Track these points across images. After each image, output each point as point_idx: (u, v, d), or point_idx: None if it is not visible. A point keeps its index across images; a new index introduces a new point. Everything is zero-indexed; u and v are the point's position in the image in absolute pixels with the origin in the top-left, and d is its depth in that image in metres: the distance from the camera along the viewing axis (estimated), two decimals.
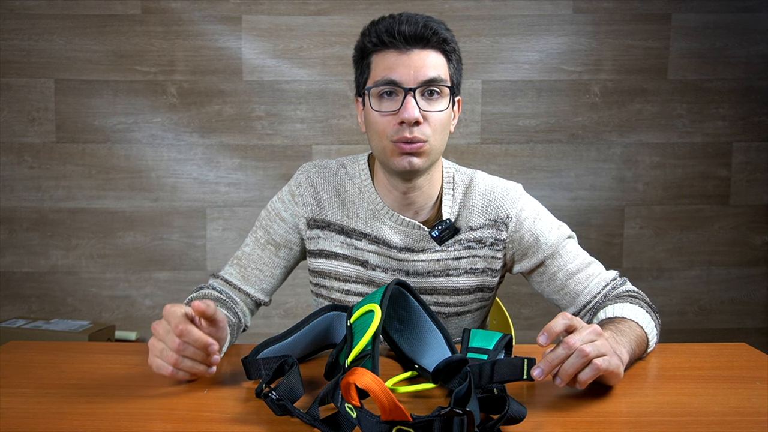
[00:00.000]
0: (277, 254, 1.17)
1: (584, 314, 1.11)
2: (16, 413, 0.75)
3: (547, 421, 0.74)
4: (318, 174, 1.16)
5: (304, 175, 1.17)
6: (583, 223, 2.62)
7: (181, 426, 0.72)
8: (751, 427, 0.73)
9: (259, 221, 1.19)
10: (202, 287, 1.16)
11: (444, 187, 1.14)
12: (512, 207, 1.13)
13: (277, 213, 1.17)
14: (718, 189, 2.66)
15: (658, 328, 1.02)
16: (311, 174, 1.16)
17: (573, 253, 1.13)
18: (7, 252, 2.58)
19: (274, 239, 1.17)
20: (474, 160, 2.59)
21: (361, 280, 1.14)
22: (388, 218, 1.12)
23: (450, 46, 1.04)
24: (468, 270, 1.13)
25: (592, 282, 1.11)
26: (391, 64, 1.01)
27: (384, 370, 0.92)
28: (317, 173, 1.16)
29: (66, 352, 1.00)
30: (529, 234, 1.12)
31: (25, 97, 2.53)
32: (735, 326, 2.70)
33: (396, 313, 0.94)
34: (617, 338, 0.89)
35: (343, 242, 1.14)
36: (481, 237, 1.13)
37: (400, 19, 1.01)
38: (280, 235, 1.16)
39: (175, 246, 2.61)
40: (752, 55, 2.60)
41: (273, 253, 1.17)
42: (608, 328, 0.92)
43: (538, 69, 2.58)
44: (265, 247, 1.17)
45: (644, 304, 1.04)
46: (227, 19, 2.53)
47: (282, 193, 1.18)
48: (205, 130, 2.56)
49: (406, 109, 0.99)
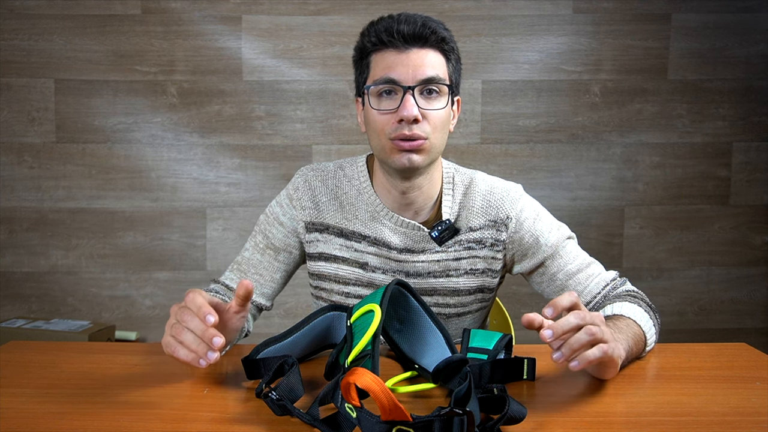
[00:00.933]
0: (277, 258, 1.17)
1: None
2: (16, 413, 0.75)
3: (547, 421, 0.74)
4: (315, 177, 1.16)
5: (302, 178, 1.16)
6: (583, 223, 2.62)
7: (181, 426, 0.72)
8: (751, 427, 0.73)
9: (258, 226, 1.19)
10: (204, 291, 1.15)
11: (444, 187, 1.14)
12: (512, 208, 1.13)
13: (276, 217, 1.17)
14: (718, 189, 2.66)
15: (657, 327, 1.02)
16: (309, 177, 1.16)
17: (573, 253, 1.13)
18: (7, 252, 2.58)
19: (274, 244, 1.17)
20: (474, 160, 2.59)
21: (361, 282, 1.14)
22: (387, 219, 1.12)
23: (449, 46, 1.04)
24: (468, 271, 1.13)
25: (592, 282, 1.11)
26: (390, 63, 1.01)
27: (384, 370, 0.92)
28: (315, 176, 1.16)
29: (66, 352, 1.00)
30: (529, 235, 1.13)
31: (25, 97, 2.53)
32: (735, 326, 2.70)
33: (396, 313, 0.94)
34: (615, 335, 0.90)
35: (342, 245, 1.13)
36: (481, 238, 1.13)
37: (399, 18, 1.01)
38: (279, 239, 1.16)
39: (175, 246, 2.61)
40: (752, 55, 2.60)
41: (272, 257, 1.17)
42: (606, 325, 0.92)
43: (538, 69, 2.58)
44: (265, 252, 1.17)
45: (643, 304, 1.04)
46: (227, 19, 2.53)
47: (280, 197, 1.18)
48: (205, 130, 2.56)
49: (405, 107, 0.99)
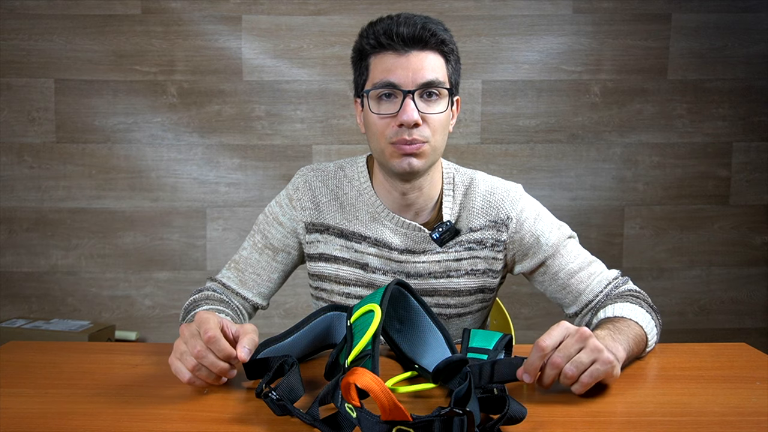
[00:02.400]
0: (275, 258, 1.17)
1: (586, 313, 1.11)
2: (16, 413, 0.75)
3: (547, 421, 0.74)
4: (316, 178, 1.15)
5: (302, 179, 1.16)
6: (583, 223, 2.62)
7: (181, 426, 0.72)
8: (751, 427, 0.73)
9: (257, 225, 1.19)
10: (202, 290, 1.15)
11: (444, 188, 1.14)
12: (512, 208, 1.13)
13: (275, 217, 1.16)
14: (718, 189, 2.66)
15: (658, 328, 1.02)
16: (309, 178, 1.16)
17: (574, 252, 1.13)
18: (7, 252, 2.58)
19: (272, 243, 1.16)
20: (474, 160, 2.59)
21: (362, 283, 1.14)
22: (388, 220, 1.12)
23: (448, 47, 1.03)
24: (469, 271, 1.13)
25: (594, 281, 1.11)
26: (389, 67, 1.00)
27: (384, 370, 0.92)
28: (315, 177, 1.16)
29: (66, 352, 1.00)
30: (529, 234, 1.12)
31: (25, 97, 2.53)
32: (735, 326, 2.70)
33: (396, 313, 0.94)
34: (615, 336, 0.90)
35: (342, 245, 1.13)
36: (482, 238, 1.13)
37: (398, 20, 1.00)
38: (278, 239, 1.16)
39: (175, 246, 2.61)
40: (752, 55, 2.60)
41: (271, 257, 1.17)
42: (606, 327, 0.93)
43: (538, 69, 2.58)
44: (263, 252, 1.16)
45: (645, 304, 1.04)
46: (227, 19, 2.53)
47: (280, 197, 1.18)
48: (205, 130, 2.56)
49: (405, 112, 0.98)
